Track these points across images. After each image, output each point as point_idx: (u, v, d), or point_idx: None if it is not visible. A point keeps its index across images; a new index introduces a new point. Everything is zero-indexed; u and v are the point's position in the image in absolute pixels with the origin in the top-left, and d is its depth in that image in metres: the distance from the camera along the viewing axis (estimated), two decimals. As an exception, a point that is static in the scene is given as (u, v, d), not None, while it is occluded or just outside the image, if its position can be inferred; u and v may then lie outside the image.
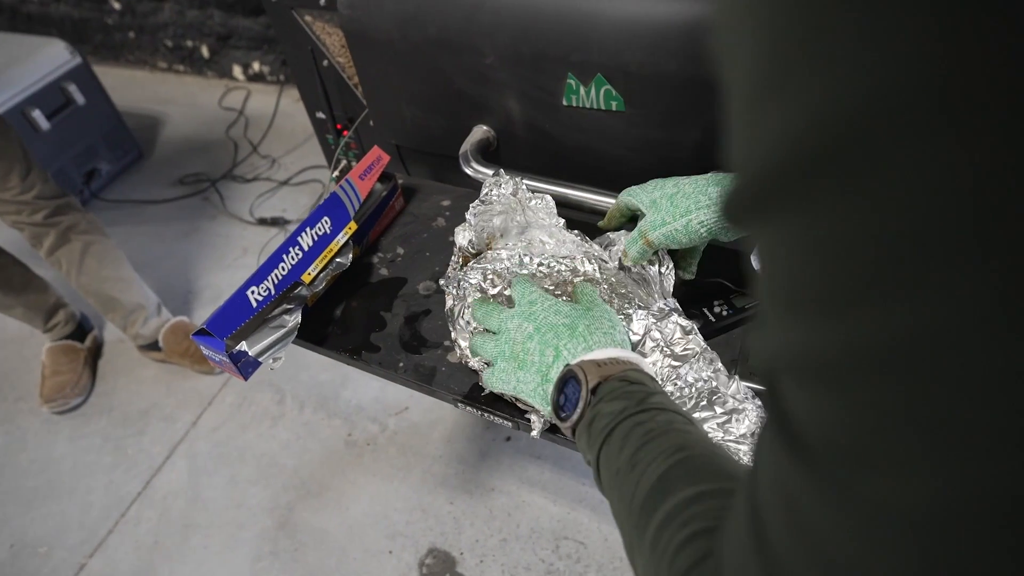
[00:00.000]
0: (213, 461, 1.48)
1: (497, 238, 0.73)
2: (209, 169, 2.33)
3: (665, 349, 0.59)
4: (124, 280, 1.59)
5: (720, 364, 0.59)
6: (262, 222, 2.07)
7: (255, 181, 2.26)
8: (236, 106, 2.62)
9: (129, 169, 2.41)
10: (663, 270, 0.68)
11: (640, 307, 0.62)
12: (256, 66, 2.70)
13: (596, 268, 0.66)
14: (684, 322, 0.60)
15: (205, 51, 2.77)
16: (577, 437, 0.48)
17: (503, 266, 0.68)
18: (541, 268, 0.68)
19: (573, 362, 0.49)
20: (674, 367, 0.59)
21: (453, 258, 0.75)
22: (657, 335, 0.60)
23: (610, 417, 0.44)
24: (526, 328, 0.55)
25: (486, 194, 0.73)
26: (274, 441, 1.49)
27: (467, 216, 0.72)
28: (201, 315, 1.81)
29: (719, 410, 0.57)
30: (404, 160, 1.09)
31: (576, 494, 1.31)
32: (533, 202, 0.74)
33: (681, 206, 0.61)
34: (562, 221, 0.73)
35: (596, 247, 0.71)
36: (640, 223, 0.65)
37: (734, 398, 0.57)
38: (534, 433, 0.61)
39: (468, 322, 0.67)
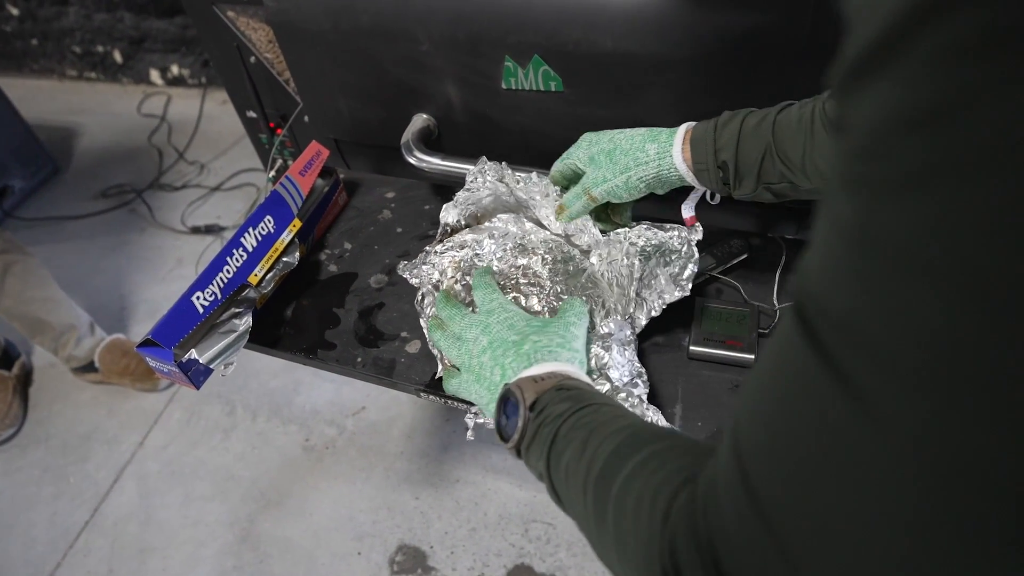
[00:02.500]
0: (165, 480, 1.42)
1: (488, 214, 0.72)
2: (133, 179, 2.22)
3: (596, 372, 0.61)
4: (51, 300, 1.50)
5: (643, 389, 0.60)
6: (196, 230, 1.99)
7: (184, 189, 2.17)
8: (157, 112, 2.50)
9: (45, 185, 2.27)
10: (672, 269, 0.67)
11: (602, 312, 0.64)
12: (175, 69, 2.58)
13: (548, 275, 0.66)
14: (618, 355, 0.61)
15: (118, 56, 2.64)
16: (524, 455, 0.46)
17: (460, 255, 0.67)
18: (494, 263, 0.68)
19: (512, 381, 0.49)
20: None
21: (438, 232, 0.74)
22: (592, 358, 0.61)
23: (553, 423, 0.43)
24: (481, 341, 0.56)
25: (471, 182, 0.73)
26: (228, 454, 1.45)
27: (456, 198, 0.72)
28: (138, 331, 1.73)
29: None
30: (344, 154, 1.07)
31: (541, 477, 1.32)
32: (521, 184, 0.73)
33: (620, 163, 0.62)
34: (557, 202, 0.72)
35: (570, 247, 0.71)
36: (583, 180, 0.66)
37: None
38: (468, 435, 0.62)
39: (428, 305, 0.67)
